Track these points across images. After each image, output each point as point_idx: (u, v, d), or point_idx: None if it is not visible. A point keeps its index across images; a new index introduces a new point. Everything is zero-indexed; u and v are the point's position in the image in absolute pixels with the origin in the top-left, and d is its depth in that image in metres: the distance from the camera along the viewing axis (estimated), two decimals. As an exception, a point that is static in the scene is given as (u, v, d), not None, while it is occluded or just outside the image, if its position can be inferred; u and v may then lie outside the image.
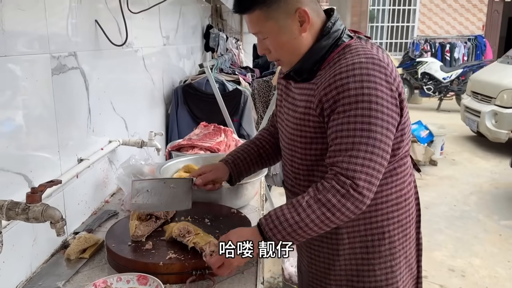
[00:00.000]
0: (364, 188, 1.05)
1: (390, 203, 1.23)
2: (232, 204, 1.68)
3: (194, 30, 4.00)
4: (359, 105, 1.05)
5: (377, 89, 1.06)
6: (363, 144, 1.05)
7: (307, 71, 1.20)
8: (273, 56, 1.22)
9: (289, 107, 1.29)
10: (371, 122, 1.05)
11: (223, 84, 2.92)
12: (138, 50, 2.30)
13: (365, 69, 1.06)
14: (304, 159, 1.24)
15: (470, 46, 10.81)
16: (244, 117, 2.88)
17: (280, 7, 1.13)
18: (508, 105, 5.66)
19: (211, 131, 2.31)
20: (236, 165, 1.51)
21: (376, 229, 1.23)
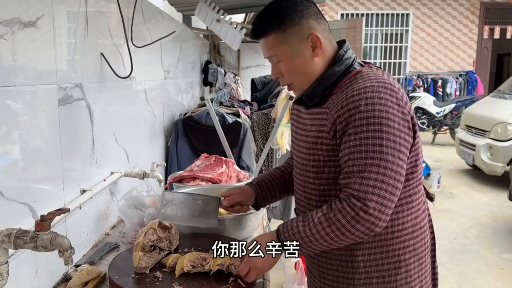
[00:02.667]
0: (375, 210, 1.04)
1: (406, 231, 1.21)
2: (236, 235, 1.65)
3: (193, 65, 4.07)
4: (370, 127, 1.06)
5: (388, 112, 1.07)
6: (375, 165, 1.05)
7: (318, 95, 1.22)
8: (286, 80, 1.26)
9: (301, 133, 1.31)
10: (383, 144, 1.06)
11: (223, 117, 2.95)
12: (141, 83, 2.33)
13: (376, 92, 1.08)
14: (316, 183, 1.25)
15: (461, 81, 11.03)
16: (244, 149, 2.89)
17: (294, 32, 1.18)
18: (502, 138, 5.72)
19: (212, 162, 2.31)
20: (261, 189, 1.53)
21: (392, 257, 1.21)
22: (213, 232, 1.64)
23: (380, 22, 11.64)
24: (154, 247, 1.43)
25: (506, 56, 14.37)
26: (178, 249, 1.52)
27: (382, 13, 11.55)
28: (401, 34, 11.73)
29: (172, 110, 3.12)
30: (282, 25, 1.18)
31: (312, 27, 1.19)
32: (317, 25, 1.21)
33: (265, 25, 1.21)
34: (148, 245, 1.39)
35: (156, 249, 1.43)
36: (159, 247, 1.44)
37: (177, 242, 1.53)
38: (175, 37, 3.31)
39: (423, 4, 11.47)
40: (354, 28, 9.01)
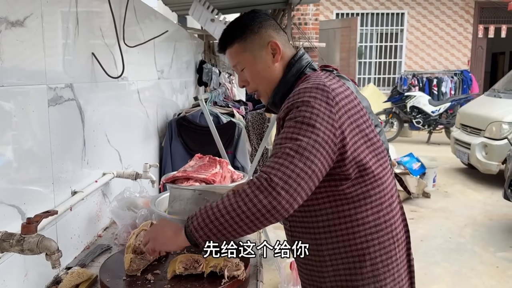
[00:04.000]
0: (278, 185, 1.06)
1: (368, 225, 1.25)
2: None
3: (187, 65, 4.05)
4: (292, 121, 1.15)
5: (314, 107, 1.14)
6: (287, 148, 1.11)
7: (278, 103, 1.32)
8: (251, 87, 1.36)
9: (275, 139, 1.41)
10: (300, 133, 1.12)
11: (217, 117, 2.93)
12: (133, 83, 2.31)
13: (307, 93, 1.17)
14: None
15: (456, 80, 11.06)
16: (238, 149, 2.88)
17: (255, 40, 1.30)
18: (497, 137, 5.74)
19: (206, 163, 2.29)
20: None
21: (356, 251, 1.25)
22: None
23: (375, 21, 11.66)
24: (146, 249, 1.42)
25: (501, 55, 14.44)
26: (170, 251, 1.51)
27: (377, 13, 11.57)
28: (396, 34, 11.75)
29: (166, 110, 3.11)
30: (243, 34, 1.30)
31: (271, 35, 1.31)
32: (276, 34, 1.32)
33: (229, 36, 1.33)
34: (139, 247, 1.38)
35: (148, 250, 1.42)
36: (151, 249, 1.43)
37: (169, 243, 1.52)
38: (169, 37, 3.30)
39: (418, 3, 11.50)
40: (349, 27, 9.03)
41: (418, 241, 4.13)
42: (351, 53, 9.15)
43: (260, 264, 1.58)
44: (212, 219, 1.10)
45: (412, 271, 1.38)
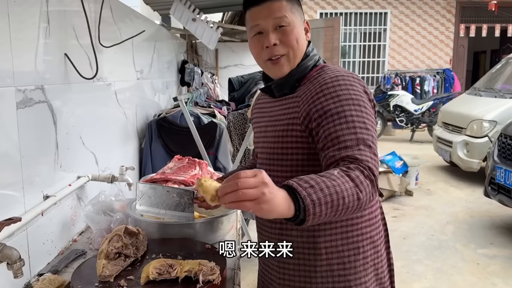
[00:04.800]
0: (376, 179, 1.07)
1: (364, 218, 1.27)
2: (207, 239, 1.61)
3: (169, 65, 4.01)
4: (352, 107, 1.14)
5: (361, 95, 1.18)
6: (369, 141, 1.11)
7: (289, 85, 1.30)
8: (280, 49, 1.26)
9: (268, 124, 1.35)
10: (366, 122, 1.13)
11: (198, 117, 2.90)
12: (111, 84, 2.27)
13: (347, 80, 1.19)
14: (283, 170, 1.29)
15: (439, 79, 11.18)
16: (220, 149, 2.85)
17: (299, 11, 1.30)
18: (478, 135, 5.80)
19: (186, 164, 2.26)
20: None
21: (352, 244, 1.26)
22: (182, 237, 1.61)
23: (358, 21, 11.72)
24: (119, 254, 1.38)
25: (482, 54, 14.64)
26: (145, 255, 1.48)
27: (361, 12, 11.63)
28: (379, 33, 11.83)
29: (147, 111, 3.07)
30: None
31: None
32: None
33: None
34: (112, 252, 1.34)
35: (121, 256, 1.39)
36: (124, 254, 1.39)
37: (144, 248, 1.49)
38: (149, 37, 3.26)
39: (400, 3, 11.59)
40: (332, 27, 9.05)
41: (400, 239, 4.15)
42: (335, 53, 9.18)
43: (238, 267, 1.56)
44: (333, 198, 0.96)
45: (392, 270, 1.39)
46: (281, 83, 1.31)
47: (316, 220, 0.96)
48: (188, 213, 1.45)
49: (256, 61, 1.34)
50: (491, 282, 3.39)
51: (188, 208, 1.45)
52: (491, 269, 3.60)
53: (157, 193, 1.45)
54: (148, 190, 1.45)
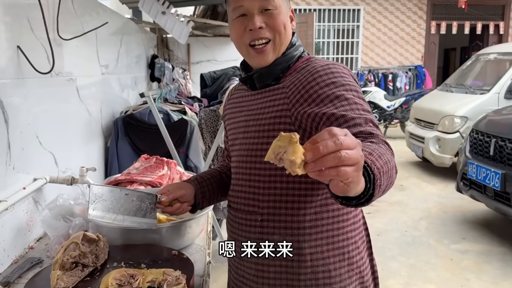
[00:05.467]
0: None
1: (350, 222, 1.20)
2: (174, 245, 1.52)
3: (138, 60, 3.87)
4: (350, 93, 1.07)
5: (354, 83, 1.12)
6: (374, 120, 1.05)
7: (273, 75, 1.21)
8: (266, 33, 1.17)
9: (247, 119, 1.24)
10: (366, 106, 1.08)
11: (167, 114, 2.79)
12: (72, 79, 2.13)
13: (339, 68, 1.14)
14: (265, 169, 1.18)
15: (411, 75, 11.33)
16: (191, 148, 2.75)
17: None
18: (449, 130, 5.87)
19: (153, 164, 2.15)
20: (201, 185, 1.40)
21: (337, 249, 1.17)
22: (147, 243, 1.50)
23: (332, 17, 11.73)
24: (76, 264, 1.27)
25: (452, 51, 14.92)
26: (106, 263, 1.37)
27: (334, 9, 11.65)
28: (353, 30, 11.88)
29: (113, 108, 2.93)
30: None
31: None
32: None
33: None
34: (68, 262, 1.23)
35: (78, 266, 1.27)
36: (82, 264, 1.28)
37: (105, 256, 1.38)
38: (116, 31, 3.12)
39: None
40: (306, 23, 9.01)
41: (375, 235, 4.14)
42: (308, 49, 9.15)
43: (207, 274, 1.47)
44: (386, 169, 0.86)
45: (376, 278, 1.30)
46: (264, 72, 1.21)
47: (376, 196, 0.82)
48: (149, 219, 1.33)
49: (237, 47, 1.23)
50: (464, 277, 3.41)
51: (150, 214, 1.33)
52: (464, 264, 3.62)
53: (114, 197, 1.31)
54: (104, 192, 1.31)
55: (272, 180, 1.17)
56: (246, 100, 1.28)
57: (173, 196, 1.33)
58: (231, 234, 1.30)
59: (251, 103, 1.25)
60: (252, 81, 1.25)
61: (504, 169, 3.60)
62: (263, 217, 1.18)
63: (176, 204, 1.34)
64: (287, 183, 1.15)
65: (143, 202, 1.34)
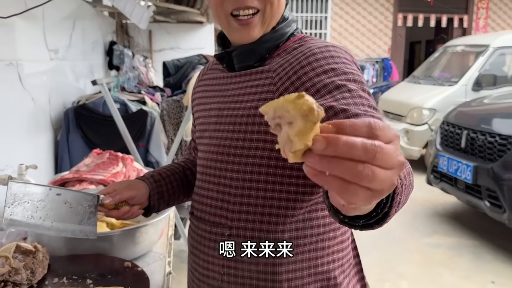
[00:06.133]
0: None
1: (337, 240, 0.98)
2: (128, 254, 1.32)
3: (94, 46, 3.58)
4: (353, 84, 0.86)
5: (358, 72, 0.92)
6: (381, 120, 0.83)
7: (258, 55, 0.98)
8: (254, 1, 0.95)
9: (222, 107, 1.01)
10: (371, 101, 0.86)
11: (124, 105, 2.55)
12: (12, 64, 1.87)
13: (339, 52, 0.93)
14: (241, 170, 0.94)
15: (378, 68, 11.35)
16: (152, 141, 2.52)
17: None
18: (418, 122, 5.84)
19: (106, 160, 1.91)
20: (158, 184, 1.15)
21: (321, 274, 0.95)
22: (96, 252, 1.27)
23: (299, 8, 11.60)
24: (6, 283, 1.05)
25: (418, 44, 15.11)
26: (45, 280, 1.15)
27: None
28: (321, 21, 11.79)
29: (64, 98, 2.65)
30: None
31: None
32: None
33: None
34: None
35: (8, 285, 1.05)
36: (13, 282, 1.06)
37: (44, 270, 1.15)
38: (68, 14, 2.83)
39: (341, -10, 11.61)
40: (274, 12, 8.84)
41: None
42: (277, 39, 8.96)
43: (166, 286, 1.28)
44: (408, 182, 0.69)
45: None
46: (247, 50, 0.98)
47: (391, 216, 0.63)
48: (87, 225, 1.07)
49: (215, 16, 1.00)
50: (437, 272, 3.35)
51: (89, 219, 1.07)
52: (436, 259, 3.56)
53: (41, 197, 1.04)
54: (27, 192, 1.04)
55: (247, 186, 0.94)
56: (221, 83, 1.05)
57: (120, 198, 1.08)
58: (191, 248, 1.08)
59: (227, 88, 1.02)
60: (230, 60, 1.02)
61: (476, 162, 3.55)
62: (231, 231, 0.96)
63: (124, 207, 1.09)
64: (265, 191, 0.93)
65: (80, 205, 1.08)
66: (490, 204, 3.42)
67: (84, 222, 1.07)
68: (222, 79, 1.05)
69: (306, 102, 0.46)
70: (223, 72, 1.06)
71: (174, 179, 1.20)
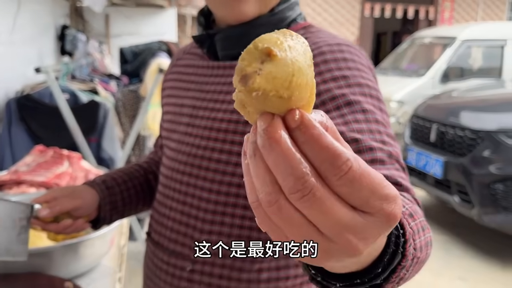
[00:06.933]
0: None
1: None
2: (70, 271, 1.14)
3: (44, 30, 3.29)
4: (369, 100, 0.69)
5: (374, 81, 0.75)
6: (399, 156, 0.69)
7: (248, 42, 0.74)
8: None
9: (196, 105, 0.81)
10: (388, 124, 0.70)
11: (74, 95, 2.31)
12: None
13: (353, 53, 0.75)
14: (214, 177, 0.75)
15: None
16: (105, 136, 2.30)
17: None
18: (385, 114, 5.80)
19: (49, 159, 1.70)
20: (110, 191, 0.94)
21: None
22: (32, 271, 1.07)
23: (267, -4, 11.42)
24: None
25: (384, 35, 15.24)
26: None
27: (270, -13, 11.33)
28: (288, 10, 11.65)
29: (7, 87, 2.39)
30: None
31: None
32: None
33: None
34: None
35: None
36: None
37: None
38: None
39: (309, -22, 11.49)
40: None
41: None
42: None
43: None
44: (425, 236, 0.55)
45: None
46: (235, 35, 0.77)
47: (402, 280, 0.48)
48: (16, 244, 0.87)
49: None
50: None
51: (19, 235, 0.87)
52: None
53: None
54: None
55: (220, 210, 0.75)
56: (199, 73, 0.85)
57: (60, 209, 0.87)
58: (146, 278, 0.89)
59: (206, 80, 0.83)
60: (212, 45, 0.81)
61: (446, 156, 3.50)
62: (195, 266, 0.76)
63: (66, 221, 0.88)
64: (243, 218, 0.73)
65: (9, 217, 0.87)
66: (459, 199, 3.38)
67: (14, 240, 0.85)
68: (201, 68, 0.84)
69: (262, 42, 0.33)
70: (202, 59, 0.85)
71: (132, 185, 0.99)
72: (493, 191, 3.08)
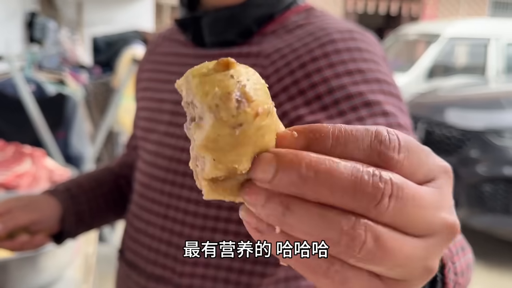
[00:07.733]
0: None
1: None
2: (27, 286, 1.03)
3: (11, 17, 3.13)
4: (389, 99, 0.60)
5: (391, 74, 0.65)
6: None
7: (241, 27, 0.66)
8: None
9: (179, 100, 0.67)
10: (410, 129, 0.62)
11: (40, 86, 2.17)
12: None
13: (368, 40, 0.65)
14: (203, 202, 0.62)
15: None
16: (73, 130, 2.18)
17: None
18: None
19: (9, 157, 1.58)
20: (74, 200, 0.80)
21: None
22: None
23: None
24: None
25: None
26: None
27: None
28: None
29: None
30: None
31: None
32: None
33: None
34: None
35: None
36: None
37: None
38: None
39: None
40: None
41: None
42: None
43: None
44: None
45: None
46: (225, 17, 0.66)
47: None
48: None
49: None
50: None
51: None
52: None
53: None
54: None
55: (210, 226, 0.64)
56: (182, 62, 0.73)
57: (15, 224, 0.74)
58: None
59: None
60: (198, 30, 0.69)
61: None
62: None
63: (22, 237, 0.75)
64: (236, 235, 0.62)
65: None
66: (446, 199, 3.34)
67: None
68: (184, 57, 0.72)
69: (224, 81, 0.25)
70: (186, 47, 0.73)
71: (100, 193, 0.86)
72: (481, 192, 3.04)
